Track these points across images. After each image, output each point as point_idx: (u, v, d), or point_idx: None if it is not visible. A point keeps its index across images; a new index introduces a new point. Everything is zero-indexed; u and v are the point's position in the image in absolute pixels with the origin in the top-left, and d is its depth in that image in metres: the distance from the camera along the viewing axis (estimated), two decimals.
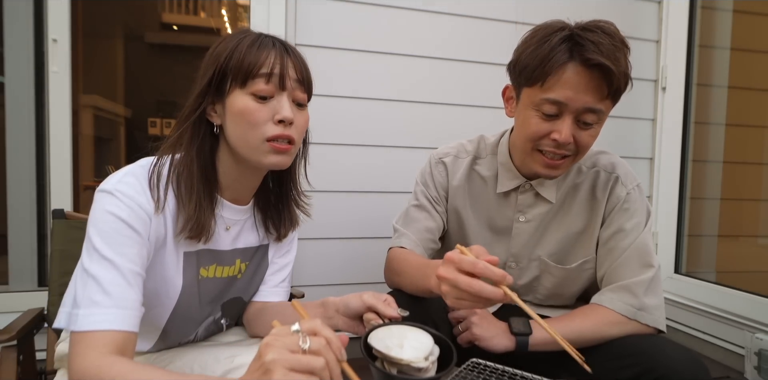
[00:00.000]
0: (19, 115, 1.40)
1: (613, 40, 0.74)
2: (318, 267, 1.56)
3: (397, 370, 0.54)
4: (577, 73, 0.74)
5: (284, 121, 0.65)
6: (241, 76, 0.64)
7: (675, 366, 0.72)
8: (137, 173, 0.64)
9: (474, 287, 0.58)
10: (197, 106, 0.67)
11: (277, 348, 0.43)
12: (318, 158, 1.54)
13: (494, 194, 0.93)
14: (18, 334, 0.84)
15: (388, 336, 0.58)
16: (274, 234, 0.81)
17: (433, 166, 0.99)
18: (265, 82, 0.65)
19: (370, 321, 0.66)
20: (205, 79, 0.66)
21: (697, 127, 1.92)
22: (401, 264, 0.87)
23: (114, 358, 0.53)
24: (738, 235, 2.09)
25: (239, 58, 0.64)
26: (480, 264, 0.59)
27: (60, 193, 1.39)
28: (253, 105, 0.65)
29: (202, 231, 0.66)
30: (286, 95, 0.66)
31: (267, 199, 0.80)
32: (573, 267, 0.91)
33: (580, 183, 0.90)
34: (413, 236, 0.94)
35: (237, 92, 0.65)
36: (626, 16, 1.80)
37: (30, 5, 1.38)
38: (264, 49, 0.65)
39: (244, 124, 0.65)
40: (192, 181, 0.66)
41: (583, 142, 0.79)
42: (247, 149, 0.67)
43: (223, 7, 3.44)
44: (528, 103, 0.80)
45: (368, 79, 1.57)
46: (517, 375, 0.67)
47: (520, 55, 0.81)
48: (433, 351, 0.57)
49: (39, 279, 1.45)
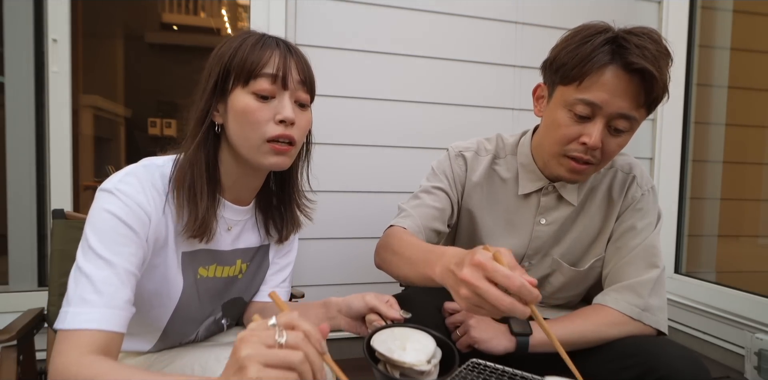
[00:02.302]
0: (19, 115, 1.40)
1: (659, 47, 0.73)
2: (318, 267, 1.56)
3: (400, 373, 0.54)
4: (616, 76, 0.72)
5: (285, 121, 0.65)
6: (243, 74, 0.64)
7: (676, 367, 0.71)
8: (139, 173, 0.64)
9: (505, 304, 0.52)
10: (207, 107, 0.67)
11: (252, 343, 0.41)
12: (318, 158, 1.53)
13: (514, 195, 0.91)
14: (18, 334, 0.84)
15: (391, 339, 0.58)
16: (275, 236, 0.81)
17: (453, 158, 0.96)
18: (267, 82, 0.64)
19: (372, 322, 0.66)
20: (212, 79, 0.66)
21: (697, 127, 1.92)
22: (402, 243, 0.81)
23: (94, 357, 0.52)
24: (738, 235, 2.09)
25: (242, 57, 0.64)
26: (517, 281, 0.52)
27: (60, 193, 1.39)
28: (255, 104, 0.65)
29: (206, 231, 0.66)
30: (288, 95, 0.66)
31: (269, 200, 0.80)
32: (585, 269, 0.90)
33: (598, 184, 0.89)
34: (419, 220, 0.89)
35: (239, 91, 0.65)
36: (626, 16, 1.80)
37: (30, 5, 1.38)
38: (267, 49, 0.65)
39: (245, 124, 0.65)
40: (199, 180, 0.66)
41: (609, 149, 0.78)
42: (247, 149, 0.66)
43: (223, 7, 3.44)
44: (560, 102, 0.78)
45: (368, 79, 1.57)
46: (516, 375, 0.67)
47: (558, 52, 0.78)
48: (435, 354, 0.57)
49: (39, 279, 1.45)
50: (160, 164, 0.67)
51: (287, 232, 0.81)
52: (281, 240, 0.82)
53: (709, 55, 1.94)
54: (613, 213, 0.88)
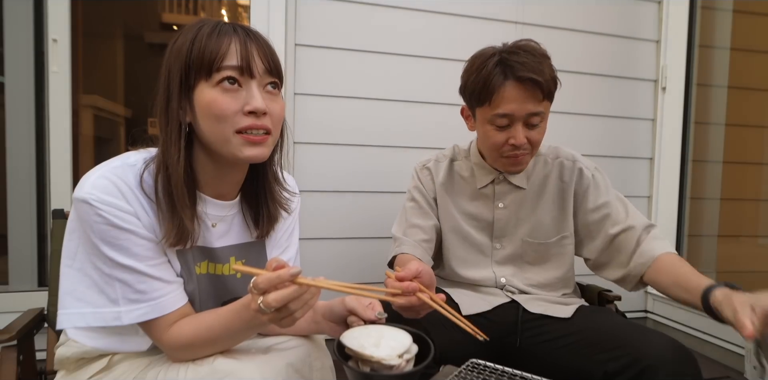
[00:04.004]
0: (19, 115, 1.40)
1: (534, 57, 0.89)
2: (318, 267, 1.56)
3: (370, 368, 0.55)
4: (514, 88, 0.89)
5: (256, 111, 0.62)
6: (204, 68, 0.61)
7: (662, 355, 0.76)
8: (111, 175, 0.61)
9: None
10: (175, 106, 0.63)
11: None
12: (318, 158, 1.54)
13: (473, 189, 1.07)
14: (18, 334, 0.84)
15: (365, 336, 0.59)
16: (254, 232, 0.78)
17: (419, 172, 1.12)
18: (231, 72, 0.61)
19: (352, 324, 0.66)
20: (174, 77, 0.62)
21: (697, 127, 1.92)
22: None
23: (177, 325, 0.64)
24: (738, 235, 2.09)
25: (200, 48, 0.61)
26: None
27: (60, 193, 1.39)
28: (221, 97, 0.61)
29: (183, 239, 0.65)
30: (255, 84, 0.63)
31: (253, 194, 0.77)
32: (552, 241, 1.03)
33: (549, 172, 1.04)
34: (412, 240, 1.03)
35: (203, 85, 0.62)
36: (626, 16, 1.80)
37: (30, 5, 1.39)
38: (224, 37, 0.62)
39: (213, 118, 0.62)
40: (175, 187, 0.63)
41: (534, 139, 0.94)
42: (220, 144, 0.64)
43: (223, 7, 3.44)
44: (483, 120, 0.96)
45: (368, 79, 1.57)
46: (516, 375, 0.67)
47: (466, 81, 0.97)
48: (410, 350, 0.58)
49: (39, 279, 1.45)
50: (132, 163, 0.65)
51: (268, 227, 0.77)
52: (261, 235, 0.78)
53: (709, 55, 1.94)
54: (569, 193, 1.03)
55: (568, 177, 1.03)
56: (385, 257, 1.05)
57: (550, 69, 0.91)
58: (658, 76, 1.86)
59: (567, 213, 1.03)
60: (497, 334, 0.94)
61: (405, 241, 1.02)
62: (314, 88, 1.52)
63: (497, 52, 0.92)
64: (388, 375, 0.55)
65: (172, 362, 0.66)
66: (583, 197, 1.02)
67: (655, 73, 1.87)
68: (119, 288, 0.61)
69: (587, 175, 1.03)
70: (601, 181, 1.03)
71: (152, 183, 0.64)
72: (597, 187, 1.02)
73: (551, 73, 0.91)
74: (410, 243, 1.02)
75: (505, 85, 0.90)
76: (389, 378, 0.55)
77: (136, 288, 0.62)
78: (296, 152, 1.50)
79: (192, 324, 0.64)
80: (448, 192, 1.09)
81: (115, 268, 0.61)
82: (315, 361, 0.73)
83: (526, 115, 0.91)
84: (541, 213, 1.03)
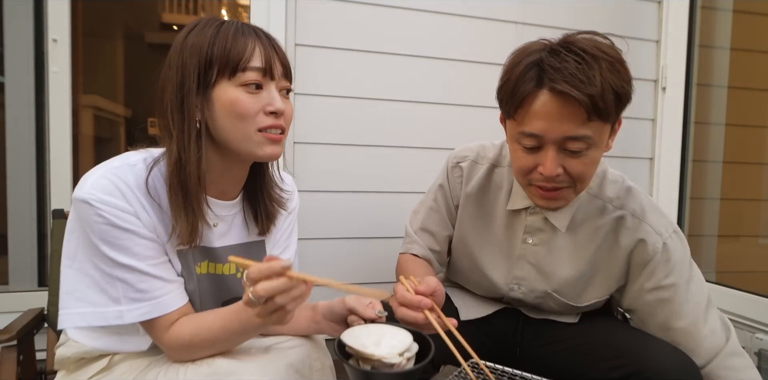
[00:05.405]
0: (19, 115, 1.39)
1: (583, 60, 0.65)
2: (318, 267, 1.56)
3: (371, 367, 0.56)
4: (548, 102, 0.67)
5: (277, 112, 0.65)
6: (229, 67, 0.62)
7: (665, 366, 0.73)
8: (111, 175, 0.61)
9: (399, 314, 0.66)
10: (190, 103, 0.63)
11: None
12: (319, 158, 1.54)
13: (504, 209, 0.88)
14: (18, 334, 0.85)
15: (366, 335, 0.60)
16: (255, 229, 0.79)
17: (450, 169, 0.96)
18: (255, 73, 0.63)
19: (353, 323, 0.66)
20: (191, 73, 0.62)
21: (697, 127, 1.92)
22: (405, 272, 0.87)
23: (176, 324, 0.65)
24: (738, 235, 2.09)
25: (224, 47, 0.62)
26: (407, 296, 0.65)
27: (60, 193, 1.39)
28: (245, 97, 0.63)
29: (194, 238, 0.66)
30: (274, 86, 0.66)
31: (254, 192, 0.78)
32: (582, 306, 0.89)
33: (602, 224, 0.82)
34: (424, 243, 0.96)
35: (224, 84, 0.63)
36: (626, 16, 1.79)
37: (30, 5, 1.38)
38: (249, 39, 0.64)
39: (235, 116, 0.63)
40: (194, 185, 0.64)
41: (575, 171, 0.71)
42: (239, 142, 0.65)
43: (223, 7, 3.44)
44: (511, 136, 0.76)
45: (369, 79, 1.57)
46: (516, 375, 0.67)
47: (499, 84, 0.76)
48: (410, 349, 0.59)
49: (39, 279, 1.44)
50: (133, 163, 0.65)
51: (269, 223, 0.79)
52: (261, 232, 0.79)
53: (709, 55, 1.94)
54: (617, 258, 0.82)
55: (628, 238, 0.81)
56: (386, 257, 1.05)
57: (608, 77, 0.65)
58: (658, 76, 1.86)
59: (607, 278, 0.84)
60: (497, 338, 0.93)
61: (417, 241, 0.97)
62: (314, 88, 1.52)
63: (543, 48, 0.70)
64: (388, 373, 0.55)
65: (172, 362, 0.66)
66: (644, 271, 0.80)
67: (655, 72, 1.87)
68: (120, 288, 0.62)
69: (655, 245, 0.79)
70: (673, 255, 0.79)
71: (160, 183, 0.64)
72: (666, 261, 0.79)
73: (609, 84, 0.65)
74: (421, 245, 0.97)
75: (536, 96, 0.68)
76: (390, 376, 0.56)
77: (137, 288, 0.62)
78: (296, 152, 1.50)
79: (191, 324, 0.65)
80: (476, 206, 0.91)
81: (116, 268, 0.61)
82: (315, 361, 0.73)
83: (561, 139, 0.68)
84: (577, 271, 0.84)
